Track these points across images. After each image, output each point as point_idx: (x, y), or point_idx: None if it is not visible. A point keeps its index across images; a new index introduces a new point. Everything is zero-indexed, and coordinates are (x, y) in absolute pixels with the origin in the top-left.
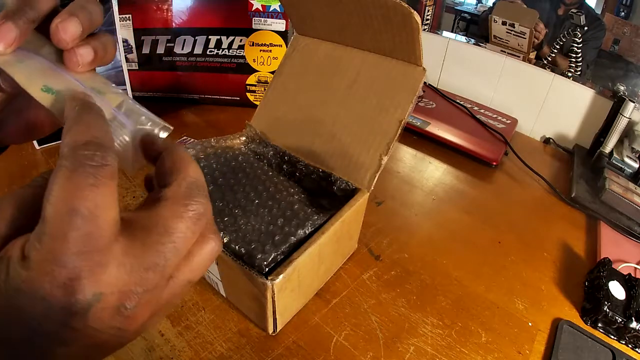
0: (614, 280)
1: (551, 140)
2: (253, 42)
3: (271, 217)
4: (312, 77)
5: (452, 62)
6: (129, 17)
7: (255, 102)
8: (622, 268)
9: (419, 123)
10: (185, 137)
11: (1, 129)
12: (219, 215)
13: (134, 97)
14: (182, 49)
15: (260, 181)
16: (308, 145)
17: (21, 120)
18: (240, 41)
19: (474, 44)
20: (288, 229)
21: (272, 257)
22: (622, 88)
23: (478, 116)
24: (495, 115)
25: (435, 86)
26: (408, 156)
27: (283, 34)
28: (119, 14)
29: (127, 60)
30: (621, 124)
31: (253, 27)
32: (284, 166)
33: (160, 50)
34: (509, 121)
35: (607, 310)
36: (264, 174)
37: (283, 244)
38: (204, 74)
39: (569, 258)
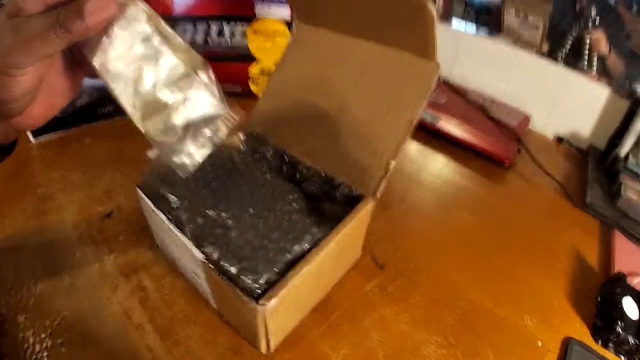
0: (627, 296)
1: (564, 139)
2: (256, 30)
3: (266, 229)
4: (315, 71)
5: (463, 54)
6: None
7: (258, 94)
8: (637, 283)
9: (429, 118)
10: None
11: (32, 106)
12: (210, 227)
13: None
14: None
15: (257, 185)
16: (310, 145)
17: (52, 89)
18: (242, 27)
19: (485, 35)
20: (284, 244)
21: (264, 278)
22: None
23: (490, 113)
24: (507, 111)
25: (447, 78)
26: (417, 154)
27: (288, 22)
28: None
29: None
30: (637, 126)
31: (255, 13)
32: (284, 167)
33: None
34: (521, 118)
35: (620, 330)
36: (261, 177)
37: (277, 263)
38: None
39: (581, 268)
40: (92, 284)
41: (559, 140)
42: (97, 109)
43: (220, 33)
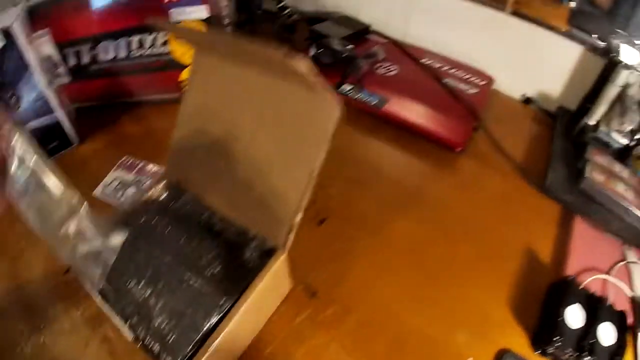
0: (574, 303)
1: (532, 100)
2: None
3: (184, 301)
4: (219, 108)
5: (418, 12)
6: (46, 32)
7: None
8: (591, 281)
9: (375, 102)
10: (126, 158)
11: None
12: (132, 301)
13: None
14: (107, 55)
15: (170, 247)
16: (225, 192)
17: None
18: (164, 36)
19: None
20: (200, 317)
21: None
22: (617, 43)
23: (447, 79)
24: (468, 76)
25: (402, 40)
26: (362, 147)
27: (207, 21)
28: (35, 31)
29: (56, 76)
30: (611, 93)
31: (172, 19)
32: (202, 216)
33: (86, 59)
34: (483, 82)
35: (558, 341)
36: (177, 235)
37: (195, 336)
38: (135, 77)
39: (533, 268)
40: (66, 343)
41: (526, 101)
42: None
43: (142, 45)
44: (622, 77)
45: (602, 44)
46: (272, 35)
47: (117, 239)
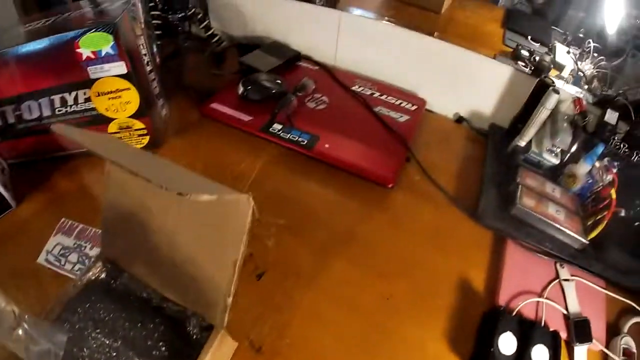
0: (506, 332)
1: (464, 119)
2: (98, 92)
3: None
4: (139, 194)
5: (347, 35)
6: None
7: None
8: (525, 305)
9: (305, 141)
10: (64, 220)
11: None
12: None
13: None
14: (31, 115)
15: (117, 332)
16: (161, 274)
17: None
18: (85, 94)
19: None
20: None
21: None
22: (547, 60)
23: (379, 107)
24: (399, 102)
25: (333, 64)
26: (295, 191)
27: (126, 76)
28: None
29: None
30: (542, 116)
31: (91, 77)
32: (142, 295)
33: (11, 119)
34: (415, 107)
35: None
36: (122, 319)
37: None
38: None
39: (467, 298)
40: None
41: (459, 120)
42: None
43: (65, 103)
44: (552, 101)
45: (529, 70)
46: (200, 69)
47: (62, 337)
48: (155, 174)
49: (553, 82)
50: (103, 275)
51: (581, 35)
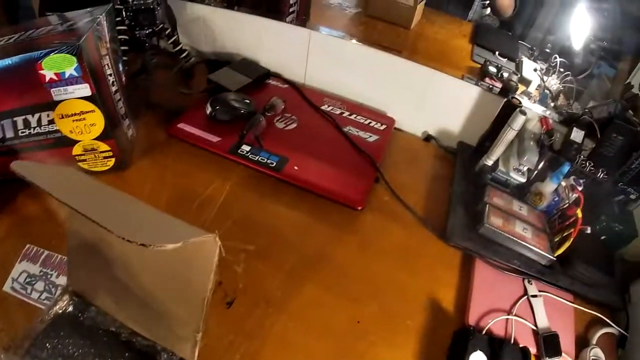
0: (476, 351)
1: (433, 137)
2: (62, 115)
3: None
4: (100, 251)
5: (316, 53)
6: None
7: (92, 169)
8: (494, 324)
9: (274, 163)
10: (29, 247)
11: None
12: None
13: None
14: None
15: None
16: (130, 310)
17: None
18: (48, 116)
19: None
20: None
21: None
22: (514, 79)
23: (348, 127)
24: (368, 121)
25: (302, 82)
26: (264, 215)
27: (91, 98)
28: None
29: None
30: (509, 136)
31: (55, 99)
32: (111, 329)
33: None
34: (384, 126)
35: None
36: (91, 354)
37: None
38: (28, 154)
39: (437, 318)
40: None
41: (427, 139)
42: None
43: (28, 125)
44: (519, 122)
45: (495, 90)
46: (168, 86)
47: None
48: (116, 218)
49: (520, 103)
50: (70, 309)
51: (548, 50)
